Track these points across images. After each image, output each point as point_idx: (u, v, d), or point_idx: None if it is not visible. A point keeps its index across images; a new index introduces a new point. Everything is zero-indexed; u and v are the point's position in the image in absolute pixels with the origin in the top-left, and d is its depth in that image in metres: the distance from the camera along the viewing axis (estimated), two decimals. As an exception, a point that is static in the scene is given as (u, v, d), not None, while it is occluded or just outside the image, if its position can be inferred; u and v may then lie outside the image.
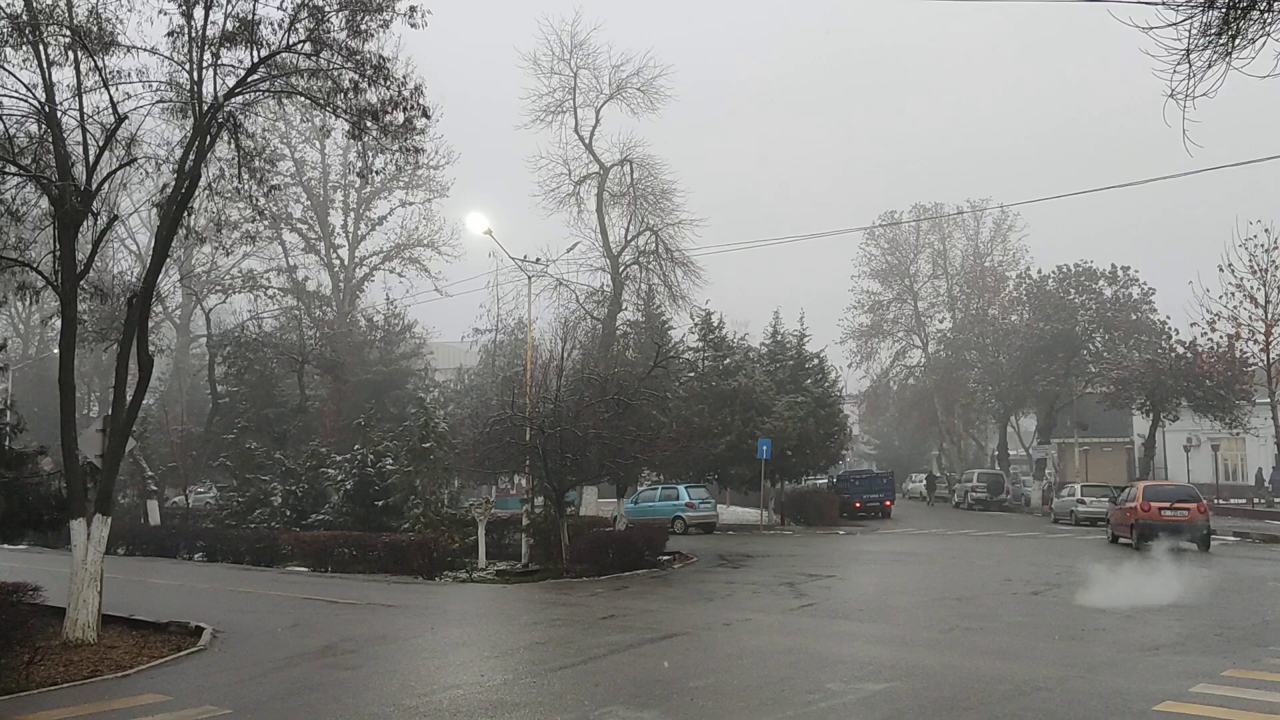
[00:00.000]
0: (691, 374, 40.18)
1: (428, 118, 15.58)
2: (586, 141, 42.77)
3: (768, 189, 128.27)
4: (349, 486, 30.49)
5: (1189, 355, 41.50)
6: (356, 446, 32.09)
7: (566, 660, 12.32)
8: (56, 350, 24.91)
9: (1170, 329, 46.58)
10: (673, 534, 29.09)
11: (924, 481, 61.31)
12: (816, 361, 43.75)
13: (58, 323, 19.78)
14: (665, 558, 24.90)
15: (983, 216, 63.94)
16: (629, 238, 42.84)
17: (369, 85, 15.09)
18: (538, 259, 32.94)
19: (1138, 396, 44.15)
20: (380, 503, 29.46)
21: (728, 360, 40.62)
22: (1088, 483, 42.64)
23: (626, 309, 43.90)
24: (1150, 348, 46.54)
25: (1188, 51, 8.73)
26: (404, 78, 15.29)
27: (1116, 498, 31.98)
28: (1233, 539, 30.24)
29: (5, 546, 27.41)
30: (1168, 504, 26.23)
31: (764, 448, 35.46)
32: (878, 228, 64.04)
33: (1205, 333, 40.15)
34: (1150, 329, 48.68)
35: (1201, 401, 41.93)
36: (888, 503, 44.60)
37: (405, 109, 15.29)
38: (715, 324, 41.82)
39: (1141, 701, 9.45)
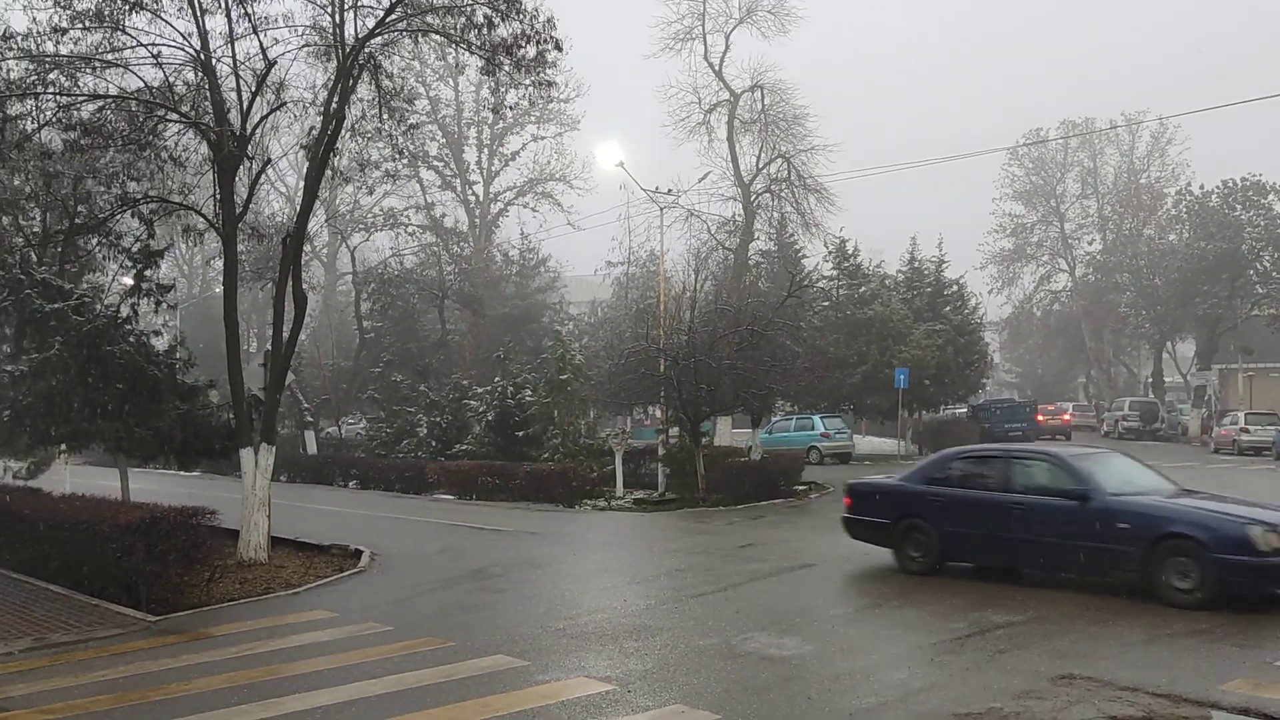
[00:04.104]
0: (826, 303, 39.57)
1: (560, 50, 15.56)
2: (716, 68, 41.99)
3: (905, 111, 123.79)
4: (490, 418, 31.44)
5: (1370, 273, 38.48)
6: (496, 378, 32.96)
7: (706, 587, 12.51)
8: (218, 289, 26.44)
9: (1350, 245, 43.21)
10: (808, 464, 28.96)
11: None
12: (955, 288, 42.51)
13: (218, 263, 20.91)
14: (801, 488, 24.86)
15: (1139, 130, 59.92)
16: (760, 165, 42.05)
17: (501, 20, 15.15)
18: (669, 190, 32.71)
19: (1311, 318, 41.29)
20: (520, 433, 30.30)
21: (863, 288, 39.82)
22: (1252, 410, 40.31)
23: (758, 238, 43.31)
24: (1326, 266, 43.30)
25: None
26: (535, 10, 15.29)
27: None
28: None
29: (182, 473, 29.49)
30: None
31: (901, 377, 34.87)
32: (1022, 147, 61.07)
33: (1389, 248, 37.14)
34: (1326, 246, 45.19)
35: (1383, 322, 38.96)
36: (1030, 433, 43.26)
37: (537, 42, 15.31)
38: (850, 252, 40.94)
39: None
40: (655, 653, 9.20)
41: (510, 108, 21.24)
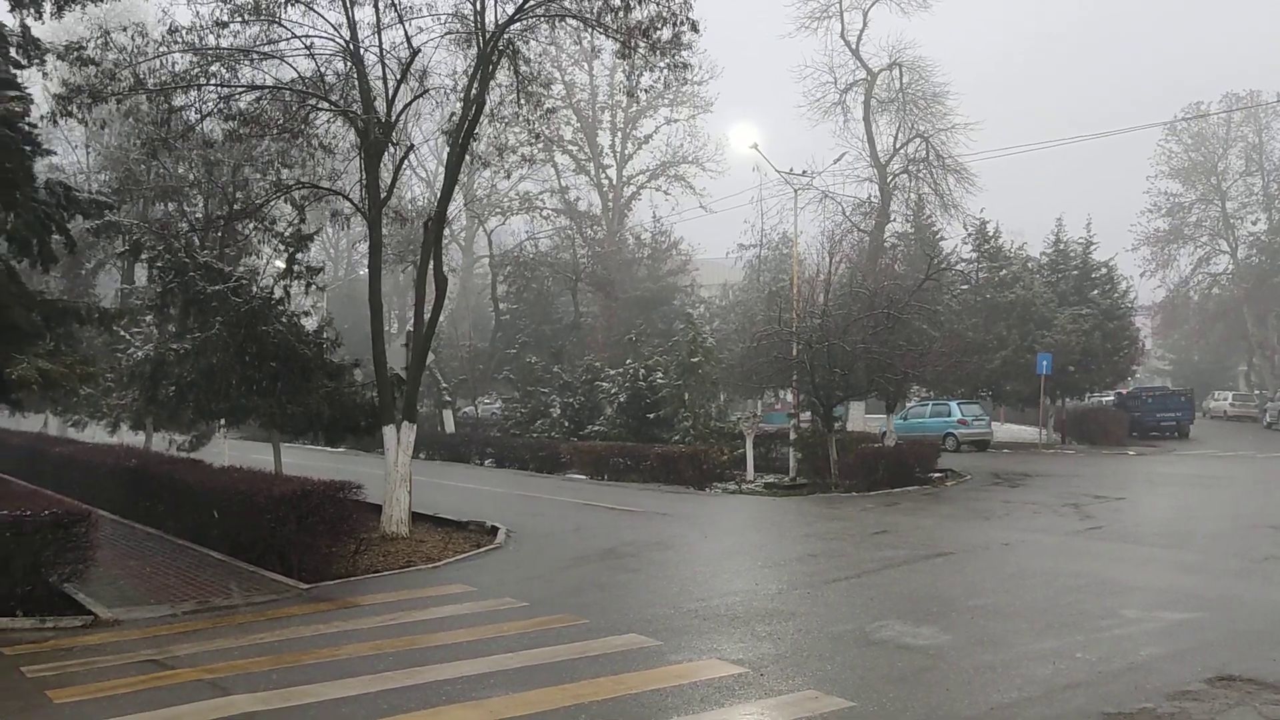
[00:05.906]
0: (964, 286, 38.51)
1: (696, 31, 15.51)
2: (853, 47, 41.20)
3: (1051, 85, 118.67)
4: (621, 399, 31.77)
5: None
6: (628, 361, 33.27)
7: (839, 573, 12.35)
8: (362, 272, 27.51)
9: None
10: (943, 451, 28.27)
11: None
12: (1104, 271, 40.63)
13: (362, 246, 21.70)
14: (936, 475, 24.26)
15: (1309, 102, 55.77)
16: (897, 146, 41.12)
17: (638, 2, 15.19)
18: (803, 171, 32.24)
19: None
20: (651, 415, 30.51)
21: (1004, 271, 38.54)
22: None
23: (895, 220, 42.46)
24: None
25: None
26: (671, -10, 15.26)
27: None
28: None
29: (328, 449, 30.80)
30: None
31: (1043, 363, 33.67)
32: (1180, 122, 57.76)
33: None
34: None
35: None
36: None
37: (673, 24, 15.30)
38: (990, 233, 39.71)
39: None
40: (788, 637, 9.14)
41: (645, 91, 21.29)
